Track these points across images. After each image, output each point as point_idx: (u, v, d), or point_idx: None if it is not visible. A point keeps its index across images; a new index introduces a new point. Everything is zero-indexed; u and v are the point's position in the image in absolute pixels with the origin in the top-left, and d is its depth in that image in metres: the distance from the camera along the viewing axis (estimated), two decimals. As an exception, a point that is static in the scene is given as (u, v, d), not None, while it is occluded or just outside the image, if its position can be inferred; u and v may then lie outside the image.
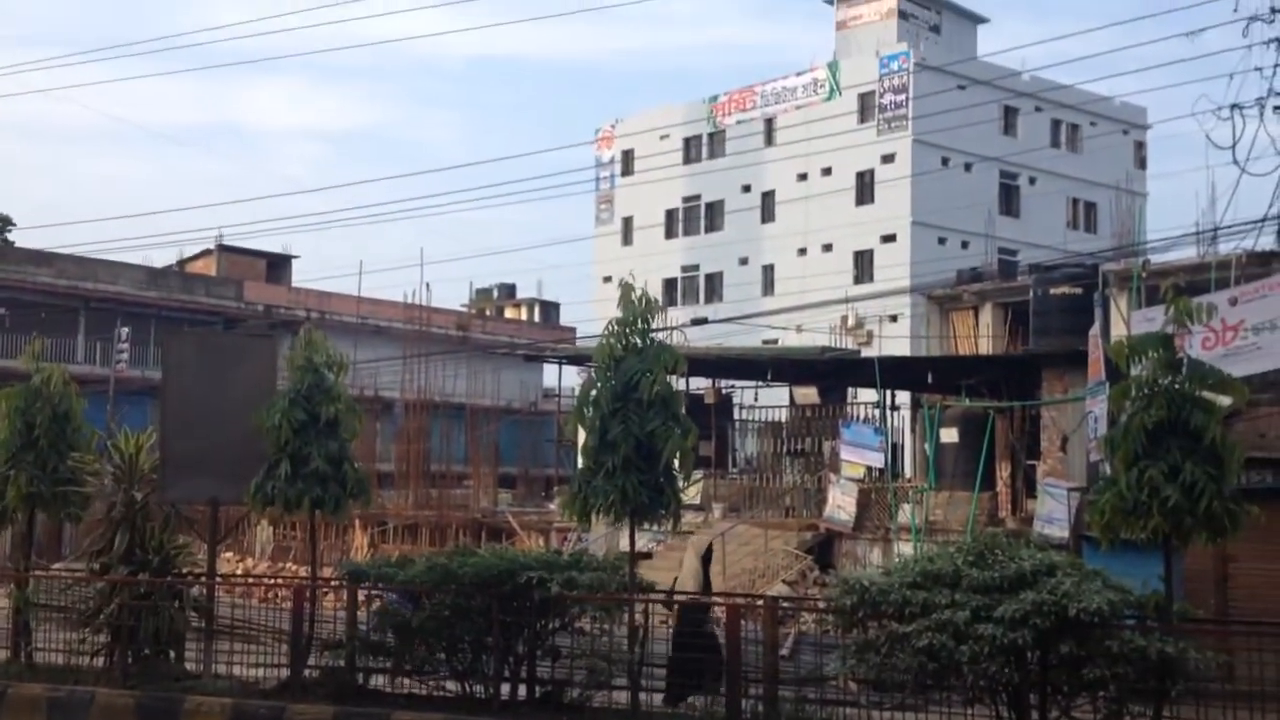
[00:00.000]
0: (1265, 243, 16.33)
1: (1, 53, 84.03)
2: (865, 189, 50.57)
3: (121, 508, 12.60)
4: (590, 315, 54.28)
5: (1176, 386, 9.30)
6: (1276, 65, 15.00)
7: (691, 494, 26.79)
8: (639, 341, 11.19)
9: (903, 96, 49.43)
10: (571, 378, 45.09)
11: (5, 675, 12.41)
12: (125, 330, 42.70)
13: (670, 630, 11.83)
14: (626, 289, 11.32)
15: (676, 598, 12.87)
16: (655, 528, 12.36)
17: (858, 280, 48.23)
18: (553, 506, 30.62)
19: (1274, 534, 13.61)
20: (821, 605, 11.91)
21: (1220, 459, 9.12)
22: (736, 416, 34.60)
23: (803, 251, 51.93)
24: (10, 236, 55.74)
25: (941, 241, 48.84)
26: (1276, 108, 14.89)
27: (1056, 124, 53.42)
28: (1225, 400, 10.48)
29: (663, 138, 55.85)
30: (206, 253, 54.46)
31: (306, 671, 11.59)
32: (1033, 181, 52.23)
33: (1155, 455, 9.11)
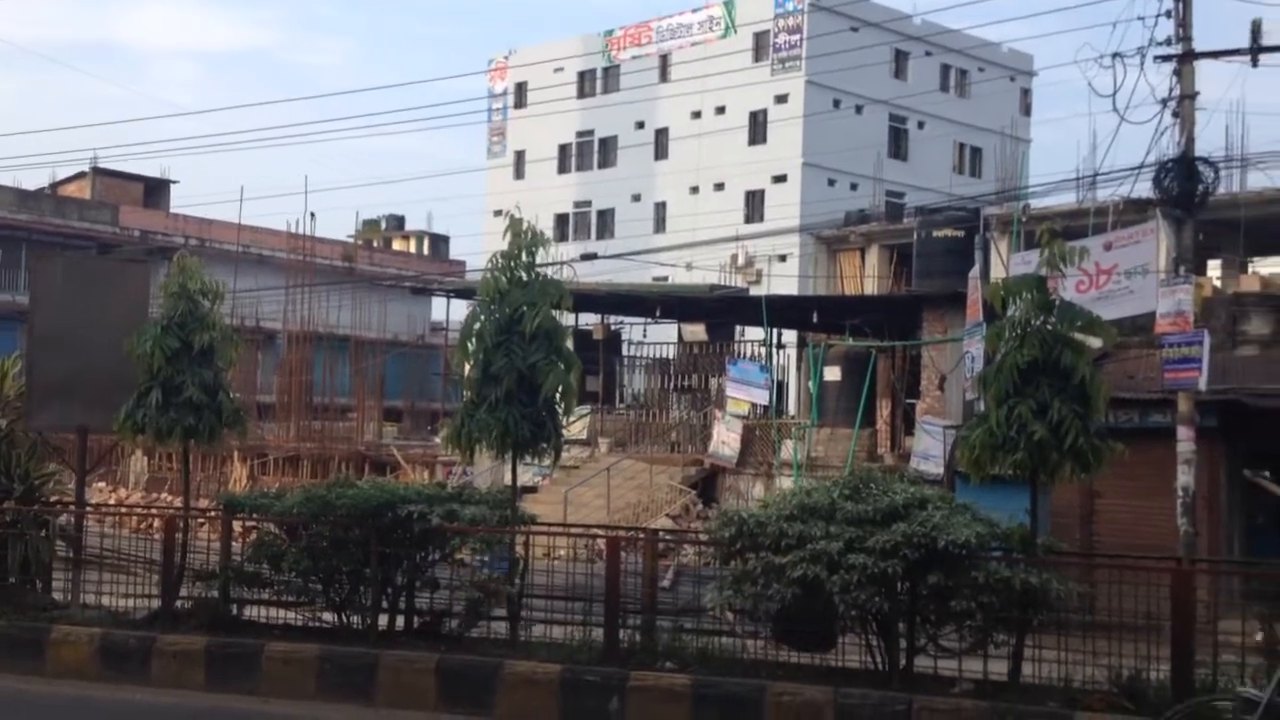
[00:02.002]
0: (1141, 190, 16.75)
1: None
2: (758, 129, 50.69)
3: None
4: (480, 249, 53.81)
5: (1048, 327, 9.51)
6: (1159, 14, 15.26)
7: (577, 429, 26.90)
8: (524, 275, 11.09)
9: (797, 37, 49.51)
10: (460, 311, 44.67)
11: None
12: (-7, 253, 41.15)
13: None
14: (514, 222, 11.19)
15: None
16: (539, 462, 12.31)
17: (748, 219, 48.47)
18: (438, 440, 30.48)
19: (1138, 471, 14.12)
20: (702, 538, 12.03)
21: (1088, 398, 9.37)
22: (625, 353, 34.73)
23: (695, 190, 51.99)
24: None
25: (831, 183, 49.28)
26: (1157, 57, 15.19)
27: (946, 69, 54.03)
28: (1095, 341, 10.78)
29: (557, 71, 55.20)
30: (80, 175, 52.56)
31: (179, 602, 11.40)
32: (921, 125, 52.86)
33: (1025, 393, 9.33)
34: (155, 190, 54.25)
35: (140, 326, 11.92)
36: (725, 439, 25.71)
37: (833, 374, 25.88)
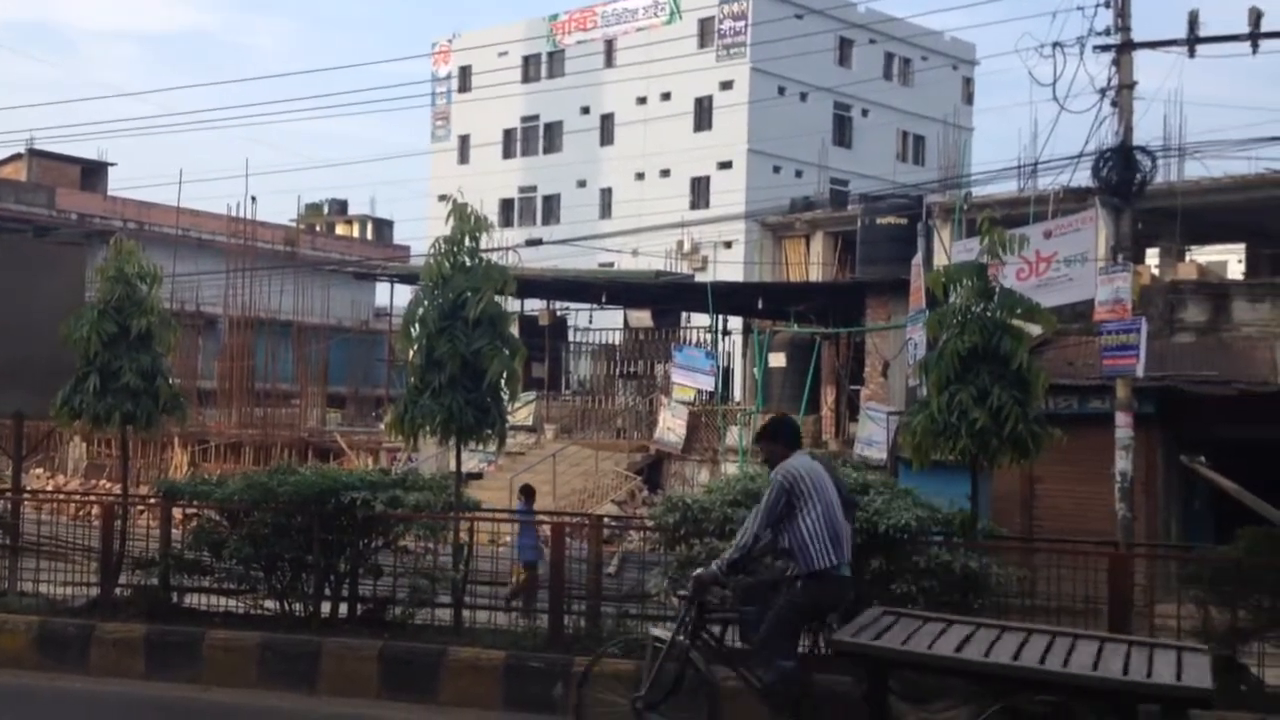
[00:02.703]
0: (1081, 179, 16.96)
1: None
2: (703, 115, 50.76)
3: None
4: (424, 233, 53.46)
5: (988, 314, 9.61)
6: (1098, 4, 15.44)
7: (523, 415, 26.88)
8: (468, 260, 11.03)
9: (742, 23, 49.60)
10: (404, 297, 44.40)
11: None
12: (-75, 236, 40.31)
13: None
14: (457, 207, 11.12)
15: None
16: (484, 448, 12.26)
17: (694, 206, 48.56)
18: (382, 426, 30.30)
19: (1077, 457, 14.32)
20: (648, 524, 12.06)
21: (1027, 384, 9.48)
22: (571, 339, 34.71)
23: (640, 176, 51.97)
24: None
25: (776, 170, 49.47)
26: (1096, 47, 15.39)
27: (889, 57, 54.38)
28: (1035, 329, 10.93)
29: (501, 54, 54.94)
30: (16, 157, 51.59)
31: (118, 590, 11.25)
32: (865, 113, 53.17)
33: (966, 380, 9.43)
34: (93, 173, 53.41)
35: (77, 310, 11.75)
36: (671, 425, 25.80)
37: (778, 360, 26.04)
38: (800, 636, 8.20)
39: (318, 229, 67.01)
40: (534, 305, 32.94)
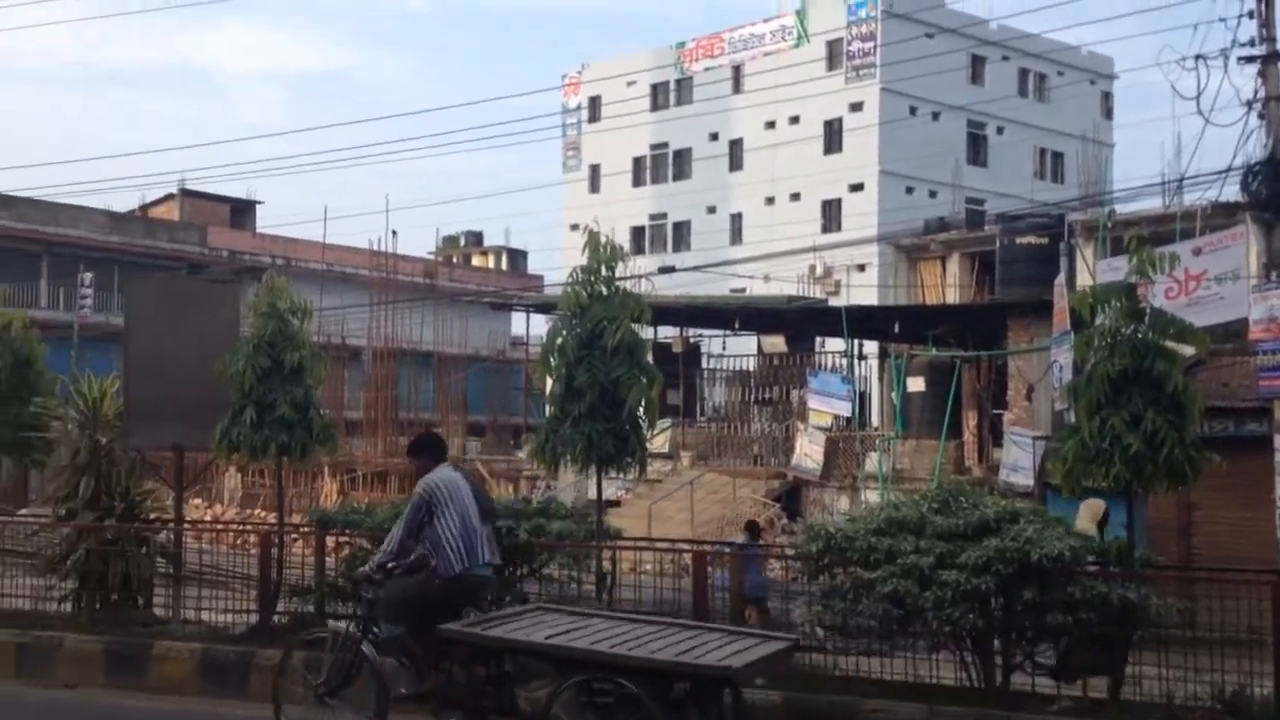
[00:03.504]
0: (1229, 193, 16.44)
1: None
2: (833, 137, 50.46)
3: (86, 454, 12.48)
4: (557, 263, 54.14)
5: (1139, 336, 9.36)
6: (1240, 16, 14.99)
7: (659, 442, 26.94)
8: (604, 289, 11.16)
9: (871, 44, 49.24)
10: (539, 325, 44.97)
11: (-29, 622, 12.36)
12: (88, 275, 42.25)
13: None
14: (592, 237, 11.26)
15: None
16: (623, 476, 12.36)
17: (825, 229, 48.26)
18: (521, 454, 30.68)
19: (1235, 482, 13.79)
20: (789, 553, 11.98)
21: (1182, 407, 9.20)
22: (704, 365, 34.73)
23: (770, 200, 51.85)
24: (-32, 180, 54.88)
25: (909, 191, 48.90)
26: (1241, 58, 14.92)
27: (1024, 73, 53.41)
28: (1187, 350, 10.59)
29: (630, 84, 55.43)
30: (169, 197, 53.80)
31: (275, 617, 11.58)
32: (1000, 131, 52.27)
33: (1118, 404, 9.19)
34: (241, 211, 55.38)
35: (232, 346, 12.15)
36: (808, 451, 25.60)
37: (916, 385, 25.66)
38: (414, 622, 8.55)
39: (455, 261, 68.40)
40: (667, 332, 33.07)
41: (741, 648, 7.67)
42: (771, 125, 51.89)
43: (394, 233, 52.73)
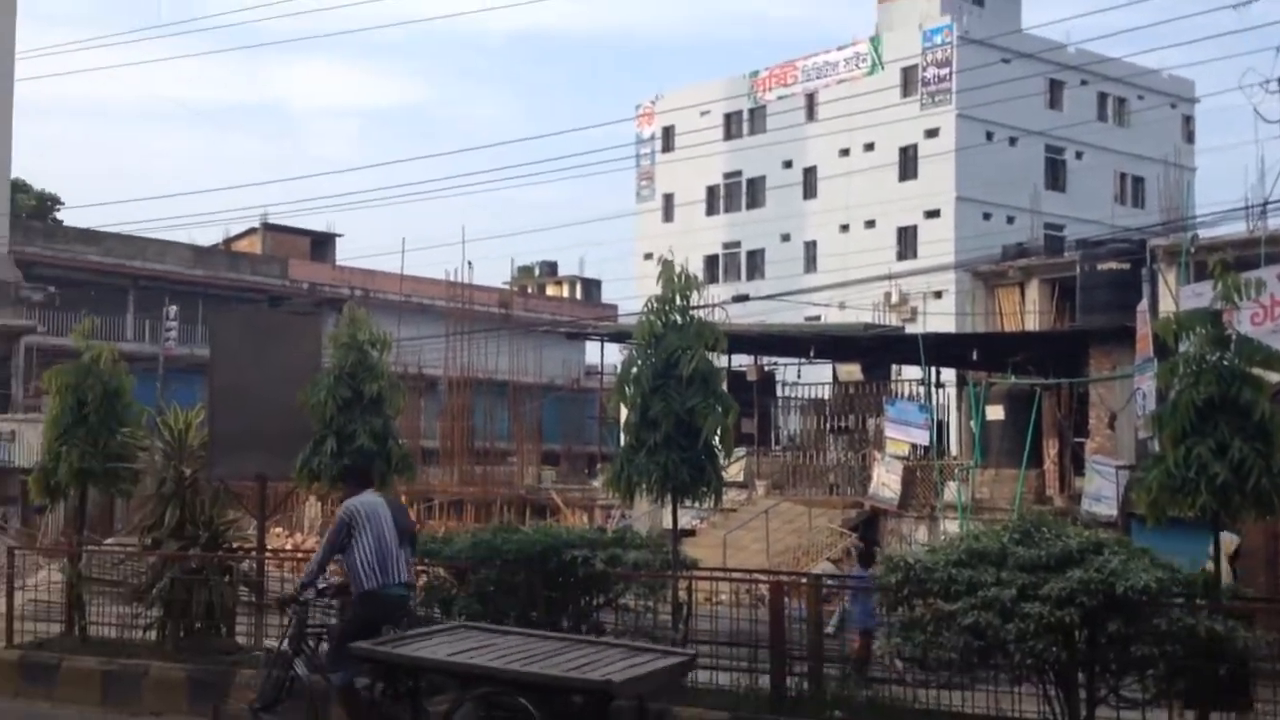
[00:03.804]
0: (1316, 217, 16.07)
1: (50, 32, 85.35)
2: (908, 164, 50.20)
3: (171, 484, 12.73)
4: (632, 292, 54.43)
5: (1225, 363, 9.17)
6: (1328, 37, 14.68)
7: (734, 471, 26.85)
8: (679, 318, 11.16)
9: (946, 70, 48.98)
10: (613, 355, 45.17)
11: (60, 649, 12.59)
12: (173, 308, 43.19)
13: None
14: (667, 266, 11.27)
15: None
16: (698, 505, 12.33)
17: (901, 256, 47.96)
18: (596, 483, 30.74)
19: (1325, 512, 13.42)
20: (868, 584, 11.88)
21: (1269, 435, 8.99)
22: (779, 393, 34.57)
23: (845, 227, 51.66)
24: (59, 215, 56.46)
25: (986, 217, 48.45)
26: (1327, 81, 14.60)
27: (1103, 97, 52.79)
28: (1274, 376, 10.34)
29: (703, 114, 55.63)
30: (251, 231, 54.92)
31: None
32: (1079, 156, 51.66)
33: (1203, 432, 9.00)
34: (321, 244, 56.35)
35: (313, 377, 12.33)
36: (885, 480, 25.36)
37: (995, 413, 25.33)
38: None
39: (530, 291, 68.91)
40: (741, 361, 32.99)
41: (631, 663, 8.06)
42: (846, 152, 51.75)
43: (470, 264, 53.29)
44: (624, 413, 11.59)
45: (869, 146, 50.75)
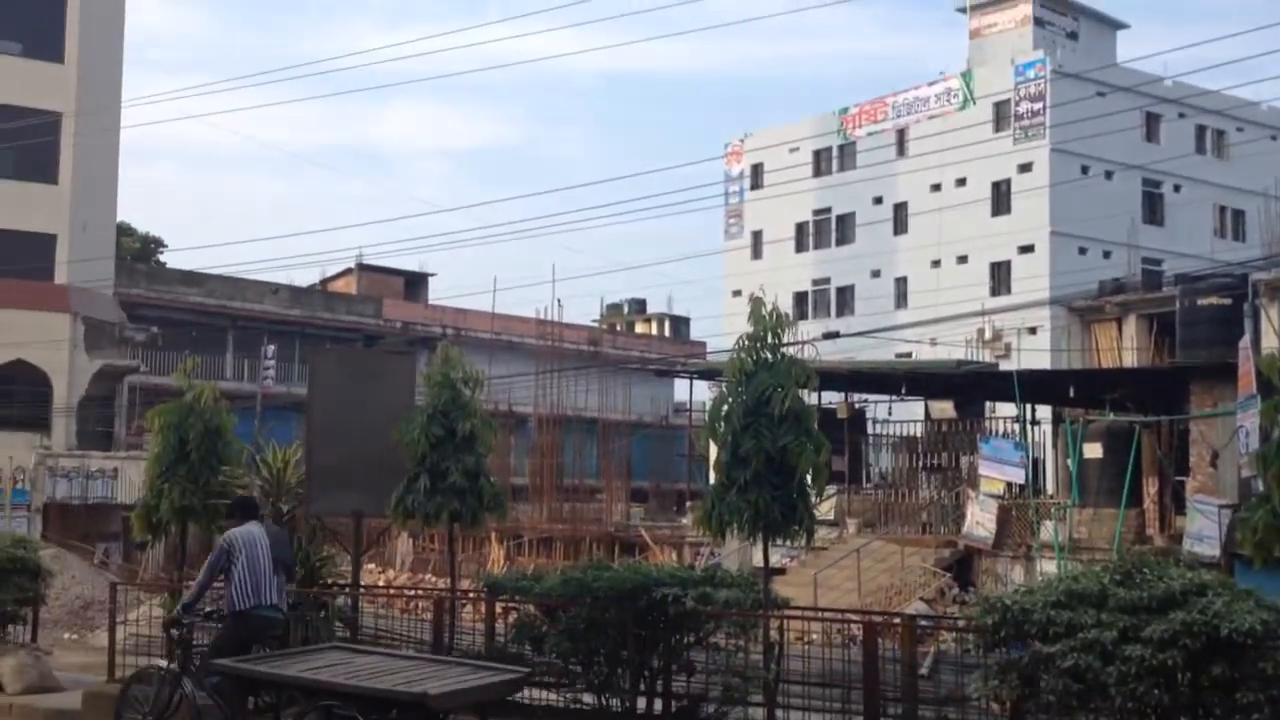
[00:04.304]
0: None
1: (151, 80, 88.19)
2: (1001, 199, 49.63)
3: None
4: (720, 329, 54.29)
5: (1332, 400, 8.93)
6: None
7: (824, 509, 26.64)
8: (770, 356, 11.13)
9: (1039, 104, 48.42)
10: (702, 392, 45.12)
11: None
12: (271, 348, 44.12)
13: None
14: (756, 303, 11.26)
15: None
16: (789, 543, 12.24)
17: (994, 292, 47.34)
18: (685, 521, 30.68)
19: None
20: (961, 624, 11.68)
21: (1383, 475, 8.72)
22: (870, 431, 34.26)
23: (937, 263, 51.17)
24: (162, 258, 58.06)
25: (1082, 252, 47.65)
26: None
27: (1201, 130, 51.76)
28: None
29: (792, 151, 55.61)
30: (347, 272, 55.97)
31: (447, 682, 11.77)
32: (1177, 189, 50.66)
33: (1312, 471, 8.76)
34: (414, 283, 57.25)
35: (407, 415, 12.51)
36: (980, 519, 24.98)
37: (1093, 451, 24.83)
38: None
39: (619, 328, 69.22)
40: (832, 398, 32.76)
41: (459, 680, 8.89)
42: (937, 188, 51.34)
43: (559, 302, 53.88)
44: (714, 450, 11.57)
45: (961, 182, 50.29)
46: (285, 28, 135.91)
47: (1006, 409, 29.30)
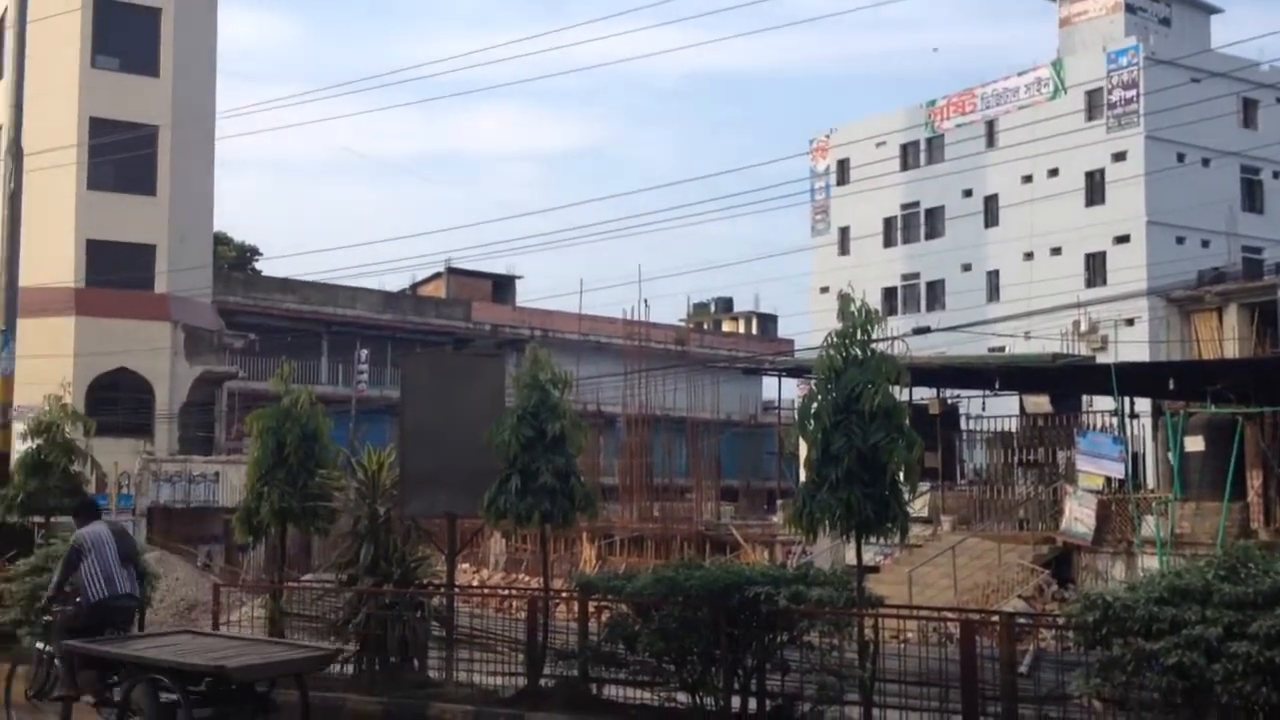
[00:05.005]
0: None
1: (244, 91, 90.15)
2: (1095, 189, 48.71)
3: (366, 522, 13.17)
4: (808, 327, 54.03)
5: None
6: None
7: (918, 506, 26.29)
8: (859, 352, 11.04)
9: (1133, 92, 47.43)
10: (791, 390, 44.91)
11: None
12: (364, 352, 44.81)
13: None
14: (845, 300, 11.17)
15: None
16: (882, 541, 12.12)
17: (1089, 284, 46.49)
18: (775, 519, 30.54)
19: None
20: (1061, 621, 11.47)
21: None
22: (963, 427, 33.80)
23: (1029, 255, 50.38)
24: (258, 266, 59.25)
25: (1180, 241, 46.58)
26: None
27: (1301, 114, 50.32)
28: None
29: (879, 145, 55.11)
30: (436, 276, 56.64)
31: (542, 680, 11.86)
32: (1277, 175, 49.27)
33: None
34: (502, 286, 57.77)
35: (498, 417, 12.60)
36: (1078, 515, 24.52)
37: (1194, 444, 24.25)
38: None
39: (706, 327, 69.16)
40: (923, 394, 32.38)
41: (261, 655, 10.38)
42: (1029, 179, 50.54)
43: (646, 302, 53.95)
44: (804, 448, 11.50)
45: (1053, 172, 49.45)
46: (372, 37, 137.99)
47: (1104, 403, 28.73)
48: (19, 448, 16.95)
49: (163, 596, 22.61)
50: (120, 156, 37.28)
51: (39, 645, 12.01)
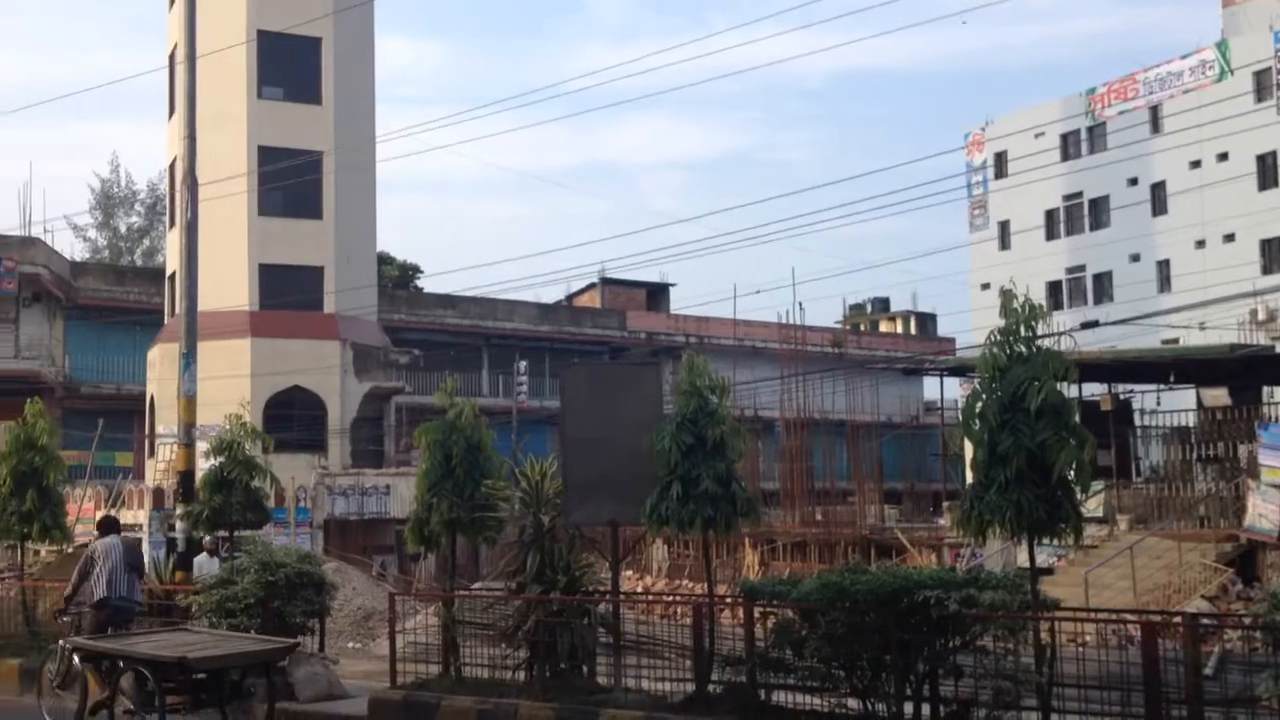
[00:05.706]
0: None
1: (401, 115, 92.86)
2: (1268, 172, 46.65)
3: (531, 531, 13.37)
4: (969, 324, 52.93)
5: None
6: None
7: (1092, 506, 25.53)
8: (1024, 349, 10.77)
9: (1306, 69, 45.28)
10: (953, 389, 44.08)
11: (439, 689, 13.42)
12: (523, 364, 45.56)
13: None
14: (1007, 295, 10.91)
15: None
16: (1055, 542, 11.80)
17: (1266, 270, 44.54)
18: (942, 522, 29.98)
19: None
20: (1248, 621, 11.00)
21: None
22: (1138, 423, 32.70)
23: (1201, 243, 48.48)
24: (419, 283, 60.80)
25: (1363, 222, 44.29)
26: None
27: None
28: None
29: (1037, 136, 53.72)
30: (591, 287, 57.28)
31: (710, 686, 11.86)
32: None
33: None
34: (656, 294, 58.09)
35: (657, 424, 12.67)
36: (1263, 511, 23.50)
37: (1386, 433, 23.01)
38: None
39: (862, 328, 68.35)
40: (1093, 389, 31.43)
41: (225, 648, 11.55)
42: (1197, 165, 48.66)
43: (800, 305, 53.60)
44: (969, 449, 11.27)
45: (1223, 157, 47.51)
46: (520, 54, 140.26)
47: (1287, 393, 27.47)
48: (202, 465, 17.69)
49: (340, 605, 23.40)
50: (288, 183, 38.69)
51: (60, 642, 13.52)
